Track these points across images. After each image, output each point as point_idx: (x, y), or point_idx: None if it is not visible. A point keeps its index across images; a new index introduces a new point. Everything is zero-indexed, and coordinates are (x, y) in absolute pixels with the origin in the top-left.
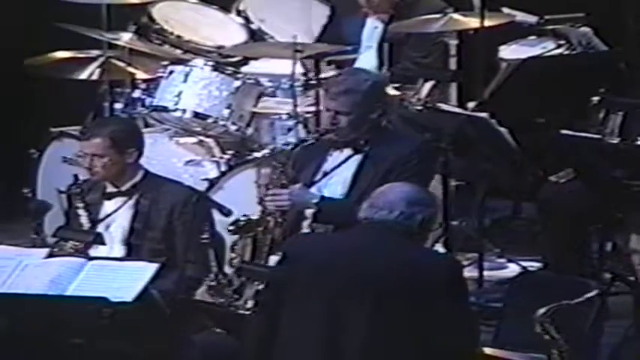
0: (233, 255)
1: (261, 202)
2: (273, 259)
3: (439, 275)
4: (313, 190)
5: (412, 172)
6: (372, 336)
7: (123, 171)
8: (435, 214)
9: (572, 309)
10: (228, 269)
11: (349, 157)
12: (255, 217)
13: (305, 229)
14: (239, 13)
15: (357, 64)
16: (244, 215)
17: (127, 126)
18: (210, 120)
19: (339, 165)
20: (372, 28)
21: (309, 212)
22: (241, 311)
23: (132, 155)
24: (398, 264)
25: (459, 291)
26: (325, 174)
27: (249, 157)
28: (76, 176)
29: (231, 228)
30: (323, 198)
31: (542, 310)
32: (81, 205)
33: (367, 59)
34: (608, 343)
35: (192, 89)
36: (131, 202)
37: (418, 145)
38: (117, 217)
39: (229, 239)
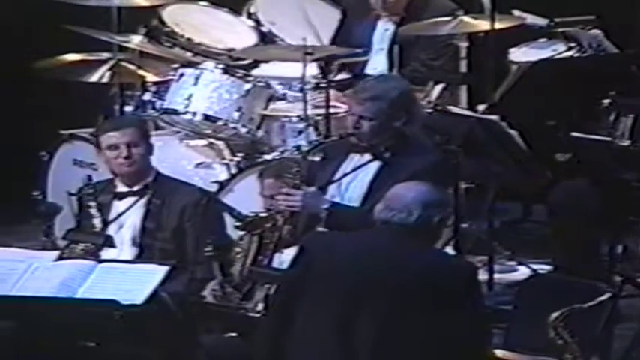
0: (238, 249)
1: (268, 212)
2: (279, 257)
3: (458, 278)
4: (332, 190)
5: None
6: (387, 338)
7: (148, 165)
8: (451, 214)
9: (584, 312)
10: (235, 267)
11: (369, 162)
12: (263, 214)
13: None
14: (249, 15)
15: (368, 67)
16: (252, 212)
17: (142, 121)
18: (220, 123)
19: (357, 168)
20: (384, 31)
21: (324, 216)
22: (251, 314)
23: (151, 149)
24: (417, 266)
25: (476, 293)
26: (345, 175)
27: (259, 160)
28: (89, 177)
29: (238, 224)
30: (334, 204)
31: (555, 314)
32: (94, 206)
33: (378, 62)
34: (618, 347)
35: (202, 92)
36: (143, 201)
37: (438, 159)
38: (128, 216)
39: (235, 235)
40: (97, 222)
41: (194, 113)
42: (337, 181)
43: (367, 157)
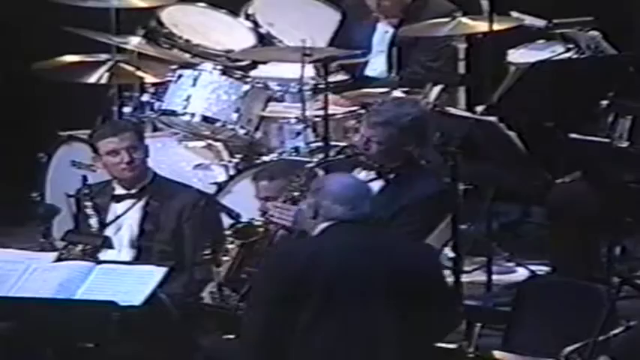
0: (226, 257)
1: (263, 214)
2: None
3: (430, 261)
4: None
5: (426, 215)
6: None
7: (145, 167)
8: None
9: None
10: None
11: (372, 179)
12: (256, 222)
13: None
14: (248, 17)
15: (367, 69)
16: (247, 219)
17: (137, 124)
18: (218, 124)
19: None
20: (383, 33)
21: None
22: None
23: (147, 151)
24: (395, 256)
25: (443, 272)
26: None
27: (258, 161)
28: (84, 177)
29: (229, 232)
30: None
31: (569, 348)
32: (90, 206)
33: (378, 63)
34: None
35: (200, 93)
36: (141, 203)
37: (439, 189)
38: (126, 218)
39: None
40: (94, 222)
41: (192, 114)
42: None
43: (372, 174)
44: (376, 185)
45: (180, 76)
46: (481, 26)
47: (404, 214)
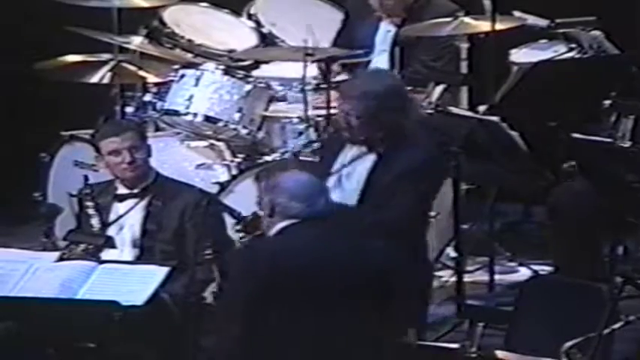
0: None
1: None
2: None
3: (385, 257)
4: (331, 181)
5: (423, 180)
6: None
7: (148, 167)
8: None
9: (585, 315)
10: None
11: (364, 154)
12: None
13: None
14: (250, 16)
15: (370, 68)
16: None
17: (139, 124)
18: (221, 124)
19: (354, 160)
20: (385, 32)
21: None
22: None
23: (149, 151)
24: (354, 254)
25: (397, 268)
26: (343, 166)
27: (260, 161)
28: (86, 177)
29: (238, 227)
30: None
31: (569, 343)
32: (92, 206)
33: (380, 63)
34: (619, 348)
35: (203, 93)
36: (143, 203)
37: (432, 153)
38: (129, 218)
39: (236, 237)
40: (95, 222)
41: (195, 114)
42: (336, 173)
43: (364, 148)
44: (370, 159)
45: (182, 76)
46: (483, 26)
47: (397, 184)
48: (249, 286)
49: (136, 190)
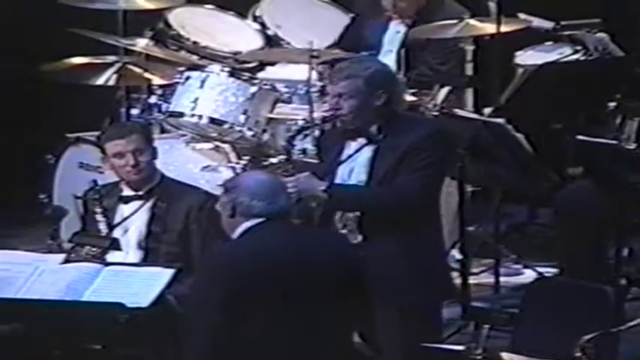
0: None
1: None
2: None
3: (351, 252)
4: (340, 172)
5: (426, 159)
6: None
7: (153, 169)
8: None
9: (591, 316)
10: None
11: (363, 145)
12: None
13: (338, 223)
14: (255, 18)
15: None
16: None
17: (145, 126)
18: (226, 126)
19: (354, 154)
20: (395, 33)
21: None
22: None
23: (155, 153)
24: (320, 250)
25: (363, 264)
26: (349, 156)
27: (265, 163)
28: (94, 181)
29: None
30: (332, 185)
31: (586, 337)
32: (99, 209)
33: (386, 63)
34: (624, 350)
35: (208, 95)
36: (148, 204)
37: (431, 130)
38: (134, 220)
39: None
40: (102, 227)
41: (200, 116)
42: (345, 162)
43: (361, 141)
44: (369, 150)
45: (187, 78)
46: (489, 28)
47: (403, 162)
48: (221, 292)
49: (141, 192)
